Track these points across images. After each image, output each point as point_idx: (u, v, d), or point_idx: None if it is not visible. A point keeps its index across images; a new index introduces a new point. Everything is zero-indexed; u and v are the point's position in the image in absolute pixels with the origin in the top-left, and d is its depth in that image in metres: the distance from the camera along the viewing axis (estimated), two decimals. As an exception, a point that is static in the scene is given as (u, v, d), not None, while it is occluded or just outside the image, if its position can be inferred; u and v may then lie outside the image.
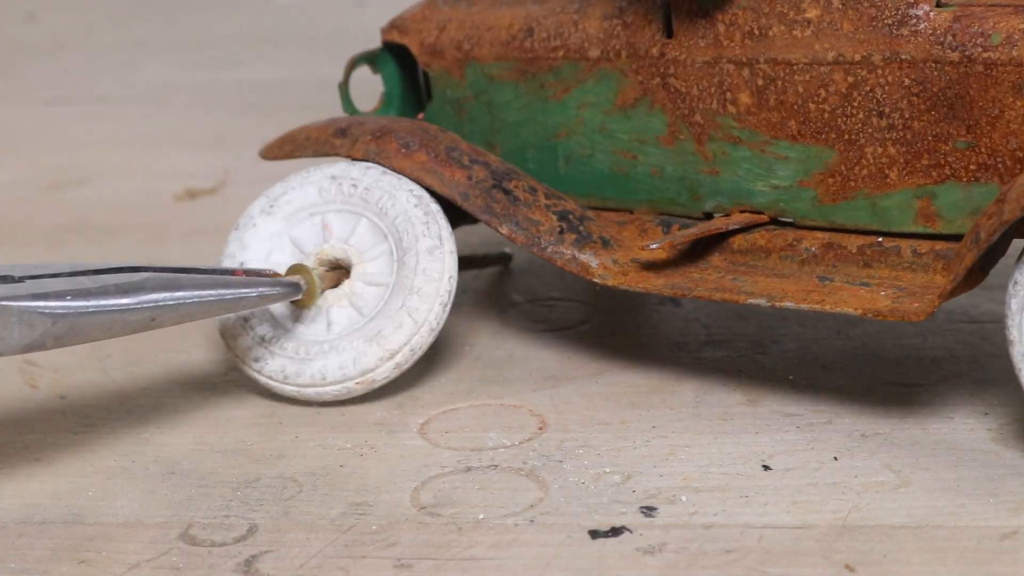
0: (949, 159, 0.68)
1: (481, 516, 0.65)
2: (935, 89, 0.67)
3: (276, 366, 0.75)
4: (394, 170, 0.78)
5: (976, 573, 0.59)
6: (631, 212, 0.78)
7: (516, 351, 0.81)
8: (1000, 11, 0.66)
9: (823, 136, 0.70)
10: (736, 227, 0.74)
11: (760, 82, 0.71)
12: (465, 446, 0.71)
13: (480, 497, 0.67)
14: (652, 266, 0.74)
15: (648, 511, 0.65)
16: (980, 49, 0.66)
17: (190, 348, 0.84)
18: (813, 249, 0.72)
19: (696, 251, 0.75)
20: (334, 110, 0.86)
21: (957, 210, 0.68)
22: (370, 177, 0.76)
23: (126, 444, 0.73)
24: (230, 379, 0.80)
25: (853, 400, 0.74)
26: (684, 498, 0.65)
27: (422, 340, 0.74)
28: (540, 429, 0.72)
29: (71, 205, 1.11)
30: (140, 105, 1.39)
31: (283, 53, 0.93)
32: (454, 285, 0.74)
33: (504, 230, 0.76)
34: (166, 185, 1.12)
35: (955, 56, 0.66)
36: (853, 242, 0.71)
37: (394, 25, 0.85)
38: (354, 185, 0.77)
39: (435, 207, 0.76)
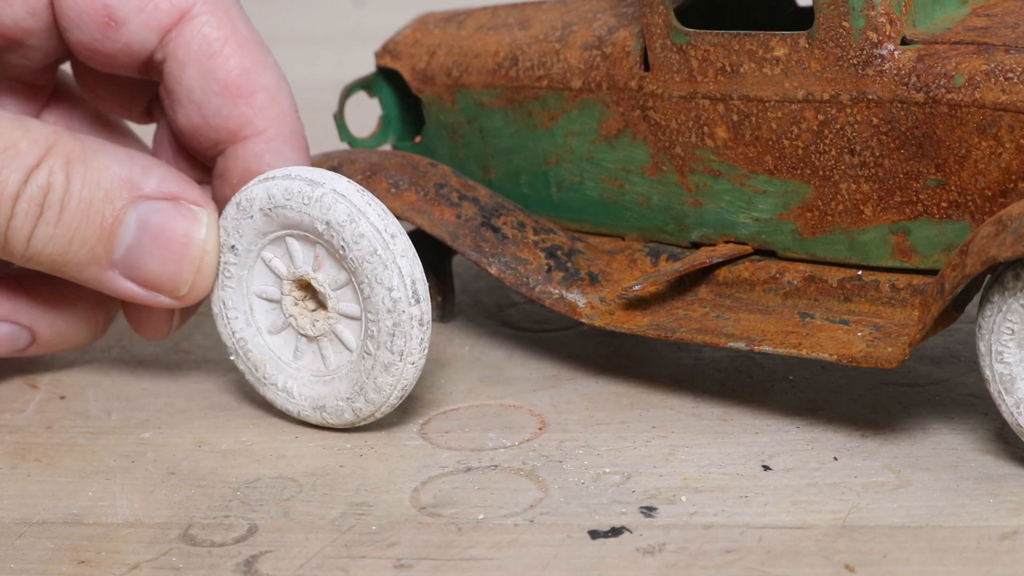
0: (921, 196, 0.68)
1: (481, 516, 0.65)
2: (903, 128, 0.67)
3: None
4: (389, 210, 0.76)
5: (976, 573, 0.59)
6: (622, 239, 0.79)
7: (516, 351, 0.81)
8: (963, 50, 0.67)
9: (799, 171, 0.71)
10: (720, 259, 0.74)
11: (735, 117, 0.72)
12: (465, 446, 0.71)
13: (480, 497, 0.67)
14: (639, 303, 0.75)
15: (648, 511, 0.65)
16: (944, 91, 0.66)
17: (190, 348, 0.84)
18: (795, 282, 0.72)
19: (682, 283, 0.75)
20: (334, 110, 0.86)
21: (931, 246, 0.69)
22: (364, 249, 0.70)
23: (126, 444, 0.73)
24: (231, 379, 0.80)
25: (853, 400, 0.74)
26: (684, 498, 0.66)
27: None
28: (540, 429, 0.72)
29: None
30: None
31: (283, 53, 0.93)
32: (405, 395, 0.72)
33: (493, 270, 0.77)
34: (166, 185, 1.12)
35: (920, 97, 0.67)
36: (834, 275, 0.72)
37: (387, 49, 0.86)
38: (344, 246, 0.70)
39: (414, 312, 0.70)
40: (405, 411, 0.75)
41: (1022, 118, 0.64)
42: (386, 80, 0.87)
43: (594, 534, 0.63)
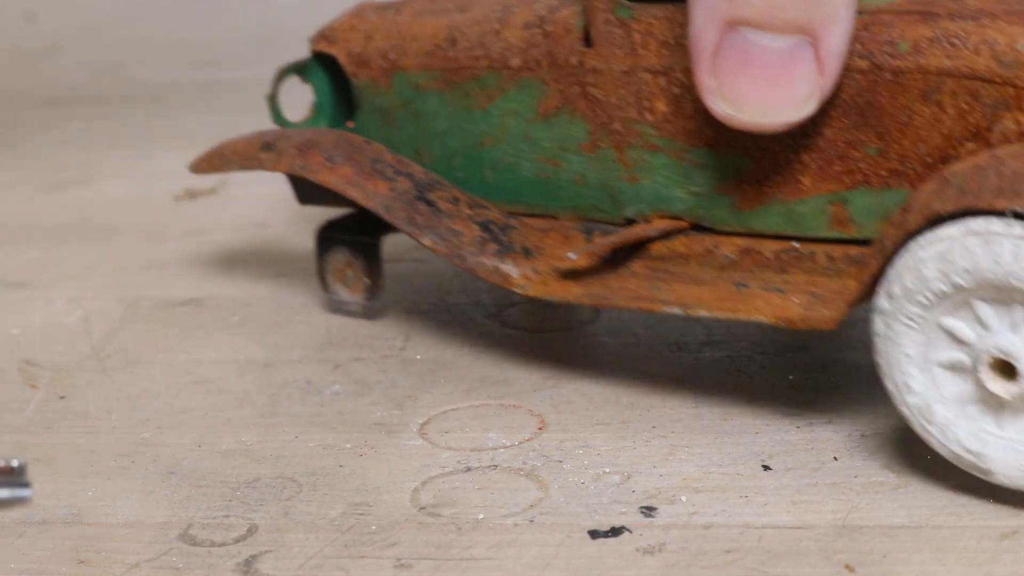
0: (861, 165, 0.68)
1: (481, 516, 0.65)
2: (845, 96, 0.68)
3: None
4: (320, 183, 0.79)
5: (976, 573, 0.59)
6: (556, 218, 0.79)
7: (516, 351, 0.81)
8: (907, 18, 0.67)
9: (738, 144, 0.71)
10: (655, 234, 0.74)
11: (676, 90, 0.72)
12: (465, 446, 0.71)
13: (480, 497, 0.67)
14: (573, 275, 0.75)
15: (648, 511, 0.65)
16: (888, 57, 0.67)
17: (190, 348, 0.84)
18: (731, 255, 0.72)
19: (617, 258, 0.75)
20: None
21: (869, 215, 0.69)
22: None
23: (126, 444, 0.73)
24: (231, 379, 0.80)
25: (853, 400, 0.74)
26: (684, 498, 0.66)
27: None
28: (540, 429, 0.72)
29: (71, 205, 1.11)
30: (140, 105, 1.39)
31: (283, 53, 0.93)
32: None
33: (427, 241, 0.77)
34: (166, 185, 1.12)
35: (864, 64, 0.67)
36: (770, 247, 0.72)
37: (323, 35, 0.86)
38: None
39: None
40: (405, 411, 0.75)
41: (965, 83, 0.65)
42: (321, 66, 0.87)
43: (594, 534, 0.63)
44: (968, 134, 0.66)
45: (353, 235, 0.84)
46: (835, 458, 0.68)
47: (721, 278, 0.72)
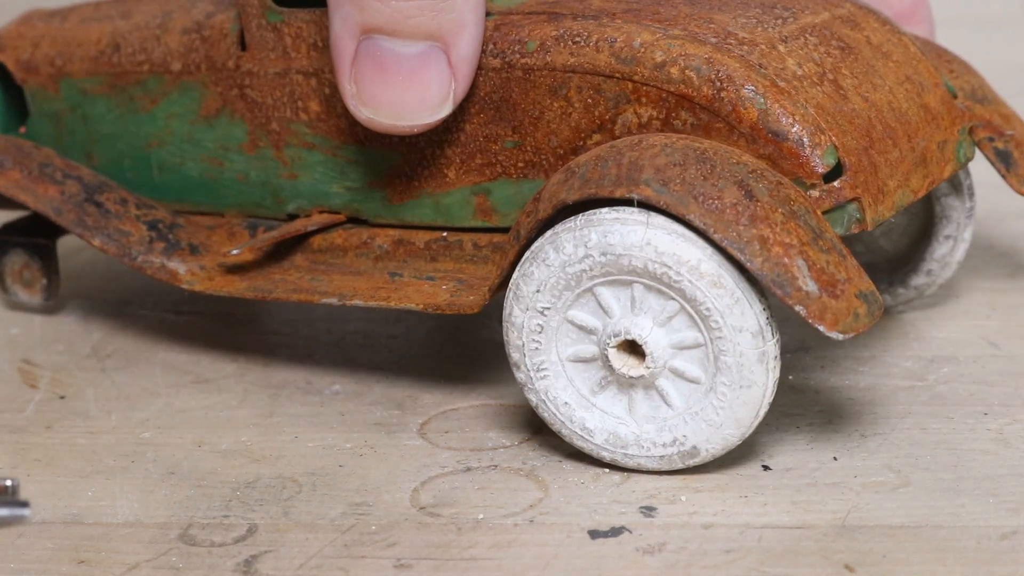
0: (500, 158, 0.72)
1: (481, 516, 0.65)
2: (482, 93, 0.71)
3: None
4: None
5: (976, 573, 0.59)
6: (222, 215, 0.81)
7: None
8: (535, 19, 0.71)
9: (386, 140, 0.74)
10: (315, 228, 0.77)
11: (327, 91, 0.75)
12: (465, 446, 0.71)
13: (480, 497, 0.67)
14: (237, 269, 0.78)
15: (648, 511, 0.65)
16: (518, 56, 0.71)
17: (190, 348, 0.84)
18: (385, 246, 0.76)
19: (280, 252, 0.78)
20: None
21: (510, 205, 0.73)
22: None
23: (126, 444, 0.73)
24: (230, 379, 0.80)
25: (852, 400, 0.74)
26: (684, 498, 0.65)
27: None
28: (540, 429, 0.72)
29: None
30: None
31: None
32: None
33: (96, 242, 0.80)
34: None
35: (497, 63, 0.71)
36: (421, 238, 0.75)
37: None
38: None
39: None
40: (405, 411, 0.75)
41: (588, 79, 0.69)
42: None
43: (594, 534, 0.63)
44: (595, 126, 0.69)
45: (29, 237, 0.87)
46: (835, 458, 0.68)
47: (377, 268, 0.76)
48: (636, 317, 0.65)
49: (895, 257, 0.83)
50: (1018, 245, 0.94)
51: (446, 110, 0.70)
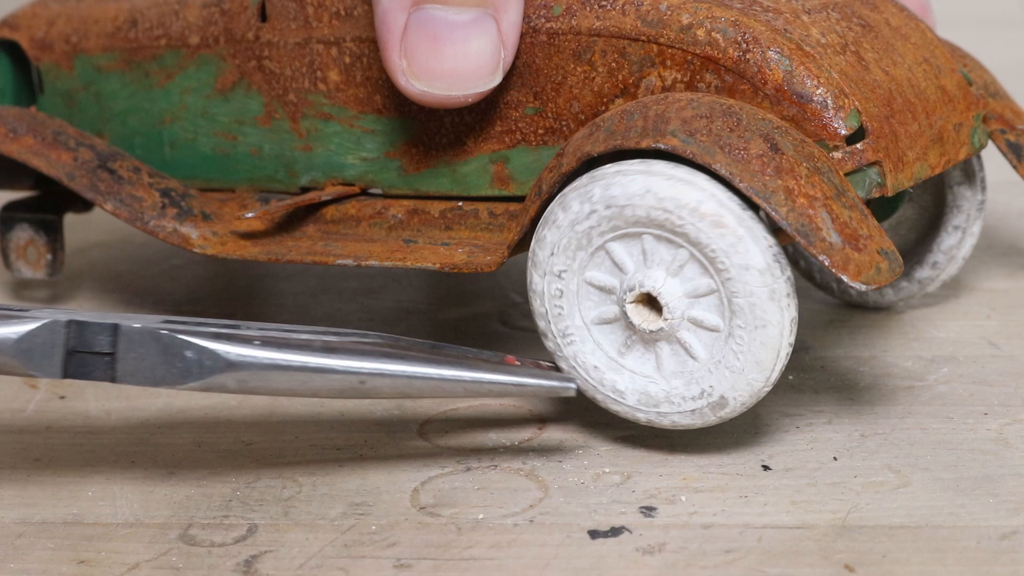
0: (520, 124, 0.72)
1: (481, 516, 0.65)
2: None
3: None
4: (2, 153, 0.82)
5: (976, 573, 0.59)
6: (233, 191, 0.81)
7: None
8: None
9: (406, 108, 0.74)
10: (329, 198, 0.77)
11: (347, 60, 0.75)
12: (465, 446, 0.71)
13: (480, 497, 0.67)
14: (250, 236, 0.78)
15: (648, 511, 0.65)
16: (543, 20, 0.71)
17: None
18: (400, 215, 0.76)
19: (292, 223, 0.78)
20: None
21: (528, 172, 0.73)
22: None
23: (126, 444, 0.73)
24: (230, 379, 0.80)
25: (853, 400, 0.74)
26: (684, 498, 0.65)
27: None
28: (540, 429, 0.72)
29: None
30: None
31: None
32: None
33: (109, 207, 0.80)
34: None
35: (522, 27, 0.70)
36: (436, 207, 0.75)
37: (5, 22, 0.89)
38: None
39: None
40: (405, 411, 0.75)
41: (613, 42, 0.69)
42: (3, 52, 0.89)
43: (594, 534, 0.63)
44: (617, 91, 0.69)
45: (35, 213, 0.87)
46: (835, 458, 0.68)
47: (391, 236, 0.76)
48: (649, 270, 0.66)
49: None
50: (1018, 245, 0.94)
51: (497, 78, 0.69)
